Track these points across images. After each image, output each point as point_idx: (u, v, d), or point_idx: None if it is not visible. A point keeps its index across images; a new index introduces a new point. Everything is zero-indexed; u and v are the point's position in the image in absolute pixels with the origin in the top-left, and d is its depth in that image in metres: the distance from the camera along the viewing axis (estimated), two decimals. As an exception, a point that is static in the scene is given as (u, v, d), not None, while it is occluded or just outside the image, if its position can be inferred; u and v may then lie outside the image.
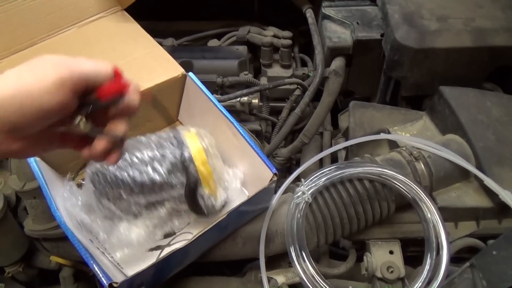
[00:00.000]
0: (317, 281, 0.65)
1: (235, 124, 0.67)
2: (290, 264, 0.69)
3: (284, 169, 1.07)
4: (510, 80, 0.95)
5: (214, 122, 0.71)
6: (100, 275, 0.53)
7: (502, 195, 0.70)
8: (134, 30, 0.79)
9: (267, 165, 0.63)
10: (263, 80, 1.06)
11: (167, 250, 0.65)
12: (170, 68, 0.73)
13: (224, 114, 0.68)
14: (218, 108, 0.69)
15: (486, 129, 0.78)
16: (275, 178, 0.62)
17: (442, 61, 0.87)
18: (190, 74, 0.74)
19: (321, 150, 1.04)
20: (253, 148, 0.65)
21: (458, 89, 0.83)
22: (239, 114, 0.99)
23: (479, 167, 0.76)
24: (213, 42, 1.08)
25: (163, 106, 0.78)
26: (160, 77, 0.72)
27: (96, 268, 0.53)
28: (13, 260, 0.85)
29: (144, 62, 0.74)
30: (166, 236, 0.68)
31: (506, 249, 0.66)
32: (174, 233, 0.70)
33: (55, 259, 0.83)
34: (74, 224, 0.63)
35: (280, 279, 0.71)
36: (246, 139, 0.66)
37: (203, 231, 0.58)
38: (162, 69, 0.73)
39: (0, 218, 0.78)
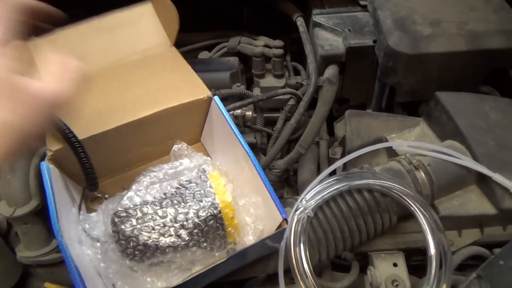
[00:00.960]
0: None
1: (251, 157, 0.66)
2: (292, 281, 0.67)
3: (282, 180, 1.05)
4: (506, 83, 0.94)
5: (232, 151, 0.70)
6: None
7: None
8: (177, 60, 0.84)
9: (278, 208, 0.61)
10: (256, 91, 1.04)
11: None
12: (197, 90, 0.76)
13: (242, 144, 0.67)
14: (237, 137, 0.68)
15: (486, 134, 0.77)
16: (285, 226, 0.60)
17: (436, 66, 0.86)
18: (216, 98, 0.74)
19: (318, 160, 1.03)
20: (267, 187, 0.63)
21: (454, 94, 0.81)
22: (234, 127, 0.97)
23: (480, 173, 0.74)
24: (203, 54, 1.07)
25: (186, 126, 0.79)
26: (186, 97, 0.74)
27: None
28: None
29: (176, 86, 0.77)
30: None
31: (513, 258, 0.64)
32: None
33: (49, 285, 0.81)
34: (73, 243, 0.61)
35: (282, 296, 0.69)
36: (260, 176, 0.64)
37: (200, 271, 0.56)
38: (190, 92, 0.75)
39: (-9, 247, 0.76)
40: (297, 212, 0.65)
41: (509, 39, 0.86)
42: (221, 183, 0.62)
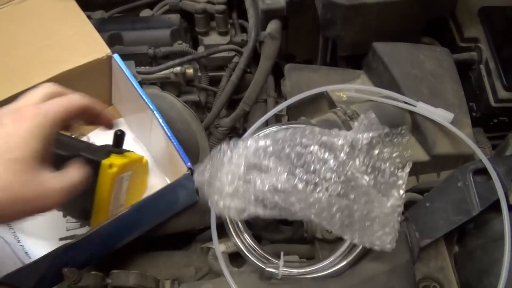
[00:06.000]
0: (254, 249, 0.64)
1: (154, 111, 0.64)
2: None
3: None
4: (446, 33, 0.94)
5: (139, 109, 0.68)
6: None
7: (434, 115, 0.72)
8: (68, 8, 0.75)
9: (182, 157, 0.60)
10: (201, 49, 1.02)
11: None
12: (96, 49, 0.70)
13: (145, 101, 0.65)
14: (140, 94, 0.66)
15: (420, 83, 0.78)
16: (188, 172, 0.59)
17: (374, 17, 0.85)
18: (115, 56, 0.70)
19: (266, 117, 1.02)
20: (169, 137, 0.62)
21: (391, 45, 0.81)
22: (179, 87, 0.96)
23: (414, 122, 0.76)
24: (145, 12, 1.03)
25: (90, 89, 0.73)
26: (84, 58, 0.68)
27: None
28: None
29: (70, 42, 0.71)
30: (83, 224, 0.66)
31: (439, 200, 0.67)
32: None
33: None
34: None
35: (221, 247, 0.70)
36: (163, 127, 0.63)
37: (99, 226, 0.56)
38: (87, 50, 0.69)
39: None
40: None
41: (446, -13, 0.86)
42: None
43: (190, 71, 0.89)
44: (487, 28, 0.90)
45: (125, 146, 0.68)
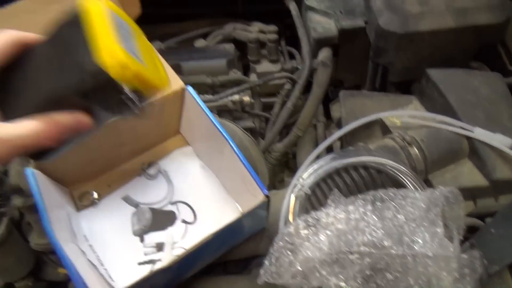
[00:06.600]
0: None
1: (229, 141, 0.66)
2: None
3: (282, 164, 1.08)
4: (495, 58, 0.96)
5: (211, 138, 0.70)
6: None
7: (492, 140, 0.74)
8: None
9: (258, 185, 0.62)
10: (253, 77, 1.06)
11: (159, 265, 0.64)
12: (171, 81, 0.71)
13: (219, 130, 0.67)
14: (214, 124, 0.68)
15: (476, 108, 0.79)
16: (265, 199, 0.61)
17: (427, 44, 0.88)
18: (189, 87, 0.73)
19: (316, 142, 1.05)
20: (245, 166, 0.64)
21: (445, 71, 0.83)
22: (232, 113, 1.00)
23: (472, 147, 0.77)
24: (199, 42, 1.08)
25: (164, 118, 0.78)
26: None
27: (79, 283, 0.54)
28: (21, 275, 0.86)
29: None
30: (160, 249, 0.68)
31: (504, 227, 0.67)
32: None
33: (63, 271, 0.84)
34: (66, 236, 0.64)
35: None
36: (239, 156, 0.65)
37: (187, 252, 0.58)
38: None
39: (5, 236, 0.78)
40: (295, 190, 0.68)
41: (497, 14, 0.87)
42: None
43: (246, 98, 0.93)
44: (538, 52, 0.92)
45: (192, 172, 0.72)
